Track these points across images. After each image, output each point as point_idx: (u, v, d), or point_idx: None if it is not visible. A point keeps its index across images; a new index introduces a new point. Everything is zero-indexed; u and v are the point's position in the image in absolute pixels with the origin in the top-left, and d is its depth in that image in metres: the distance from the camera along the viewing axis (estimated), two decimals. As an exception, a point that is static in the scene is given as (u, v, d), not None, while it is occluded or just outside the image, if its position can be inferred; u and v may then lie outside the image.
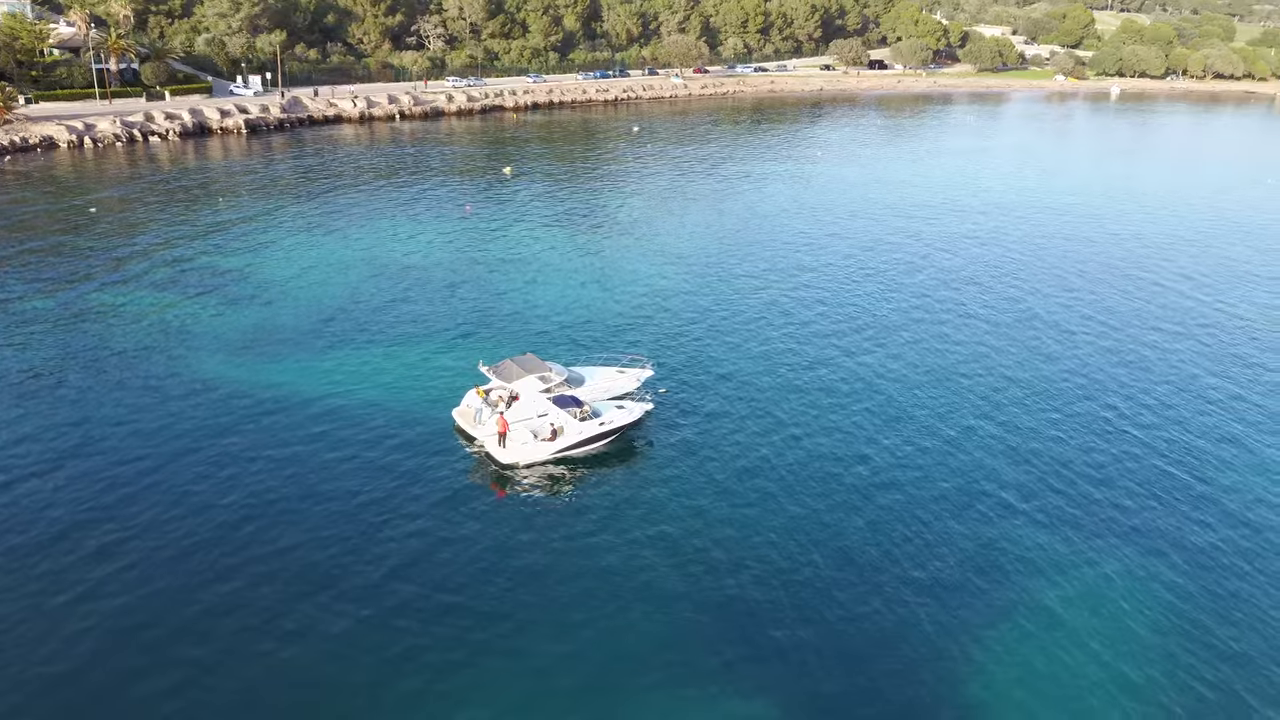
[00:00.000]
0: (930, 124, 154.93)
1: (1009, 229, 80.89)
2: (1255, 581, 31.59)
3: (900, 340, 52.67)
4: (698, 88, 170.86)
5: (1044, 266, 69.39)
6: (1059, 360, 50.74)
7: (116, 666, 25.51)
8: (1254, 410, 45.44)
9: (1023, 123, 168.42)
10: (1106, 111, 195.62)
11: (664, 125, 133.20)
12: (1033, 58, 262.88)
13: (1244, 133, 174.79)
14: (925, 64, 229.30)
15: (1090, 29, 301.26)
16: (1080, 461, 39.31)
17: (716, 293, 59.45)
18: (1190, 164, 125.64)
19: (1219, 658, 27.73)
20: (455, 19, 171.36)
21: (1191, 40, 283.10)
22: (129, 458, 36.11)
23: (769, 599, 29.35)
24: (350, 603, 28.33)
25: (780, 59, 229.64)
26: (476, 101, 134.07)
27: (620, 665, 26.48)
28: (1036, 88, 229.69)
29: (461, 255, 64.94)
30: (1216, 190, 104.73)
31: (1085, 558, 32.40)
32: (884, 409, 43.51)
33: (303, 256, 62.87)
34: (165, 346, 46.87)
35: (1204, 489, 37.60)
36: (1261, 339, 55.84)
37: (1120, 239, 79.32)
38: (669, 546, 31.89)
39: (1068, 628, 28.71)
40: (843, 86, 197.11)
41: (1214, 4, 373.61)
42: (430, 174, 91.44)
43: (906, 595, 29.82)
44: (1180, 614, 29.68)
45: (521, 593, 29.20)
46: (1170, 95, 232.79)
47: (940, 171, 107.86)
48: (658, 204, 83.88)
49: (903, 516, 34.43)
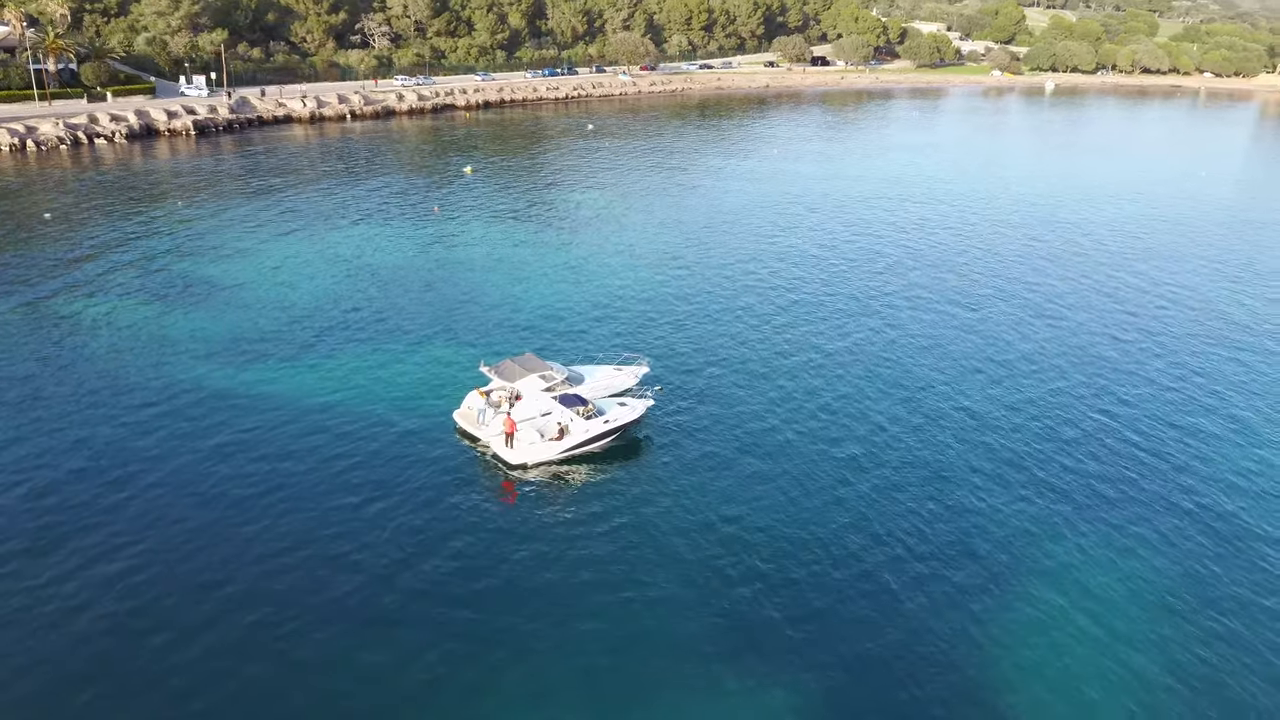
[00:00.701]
0: (877, 119, 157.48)
1: (966, 221, 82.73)
2: (1230, 554, 33.04)
3: (874, 328, 53.66)
4: (646, 85, 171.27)
5: (1004, 257, 71.17)
6: (1026, 344, 52.20)
7: (129, 670, 24.99)
8: (1214, 392, 47.32)
9: (965, 117, 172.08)
10: (1044, 106, 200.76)
11: (617, 123, 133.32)
12: (969, 53, 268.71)
13: (1174, 125, 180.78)
14: (866, 60, 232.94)
15: (1022, 25, 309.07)
16: (1056, 444, 40.58)
17: (693, 288, 59.88)
18: (1130, 157, 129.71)
19: (1203, 635, 28.97)
20: (400, 17, 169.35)
21: (1118, 36, 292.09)
22: (118, 464, 35.22)
23: (779, 588, 29.86)
24: (365, 606, 28.10)
25: (724, 56, 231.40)
26: (427, 101, 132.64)
27: (646, 657, 26.68)
28: (974, 83, 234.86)
29: (435, 255, 64.40)
30: (1156, 182, 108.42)
31: (1067, 535, 33.53)
32: (866, 395, 44.38)
33: (272, 258, 61.76)
34: (143, 353, 45.69)
35: (1172, 467, 39.13)
36: (1224, 327, 58.08)
37: (1073, 229, 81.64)
38: (679, 540, 32.20)
39: (1061, 604, 29.72)
40: (788, 83, 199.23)
41: (1135, 1, 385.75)
42: (390, 174, 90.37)
43: (908, 578, 30.59)
44: (1162, 588, 30.90)
45: (539, 591, 29.18)
46: (1101, 89, 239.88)
47: (894, 166, 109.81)
48: (623, 201, 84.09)
49: (896, 501, 35.24)
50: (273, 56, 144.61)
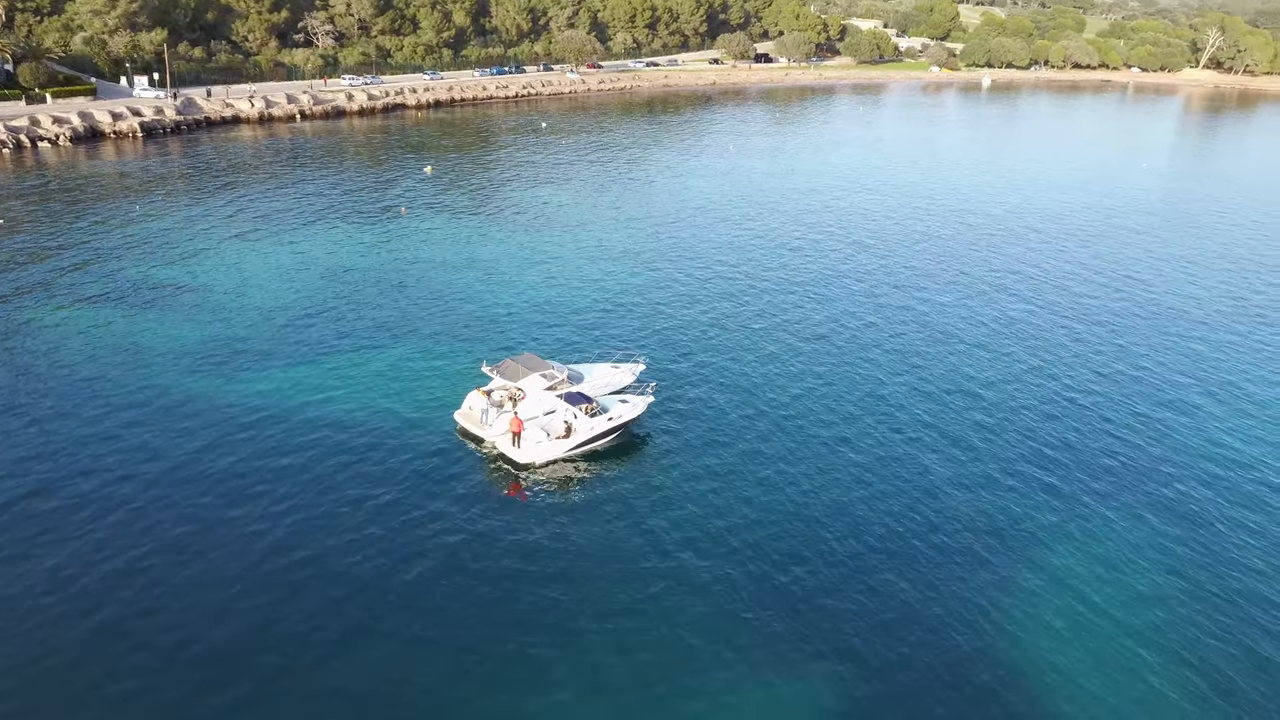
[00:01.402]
0: (826, 116, 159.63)
1: (924, 214, 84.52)
2: (1224, 524, 34.61)
3: (845, 318, 54.73)
4: (595, 83, 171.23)
5: (965, 249, 72.94)
6: (992, 333, 53.74)
7: (163, 684, 24.66)
8: (1176, 373, 49.31)
9: (909, 112, 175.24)
10: (982, 101, 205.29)
11: (570, 121, 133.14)
12: (907, 50, 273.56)
13: (1109, 118, 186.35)
14: (809, 57, 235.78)
15: (956, 22, 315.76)
16: (1038, 426, 41.98)
17: (669, 282, 60.36)
18: (1073, 150, 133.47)
19: (1205, 597, 30.38)
20: (343, 15, 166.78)
21: (1048, 33, 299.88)
22: (119, 479, 34.48)
23: (792, 576, 30.52)
24: (385, 611, 28.04)
25: (669, 53, 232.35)
26: (378, 100, 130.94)
27: (666, 652, 27.09)
28: (914, 79, 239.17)
29: (408, 255, 63.85)
30: (1102, 173, 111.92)
31: (1067, 513, 34.82)
32: (850, 379, 45.38)
33: (242, 263, 60.64)
34: (121, 364, 44.58)
35: (1153, 441, 40.76)
36: (1177, 313, 60.39)
37: (1031, 220, 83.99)
38: (690, 533, 32.73)
39: (1071, 581, 30.90)
40: (733, 80, 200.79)
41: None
42: (349, 175, 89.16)
43: (920, 564, 31.48)
44: (1164, 558, 32.30)
45: (560, 593, 29.38)
46: (1035, 84, 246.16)
47: (849, 161, 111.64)
48: (588, 197, 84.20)
49: (897, 487, 36.18)
50: (215, 56, 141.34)
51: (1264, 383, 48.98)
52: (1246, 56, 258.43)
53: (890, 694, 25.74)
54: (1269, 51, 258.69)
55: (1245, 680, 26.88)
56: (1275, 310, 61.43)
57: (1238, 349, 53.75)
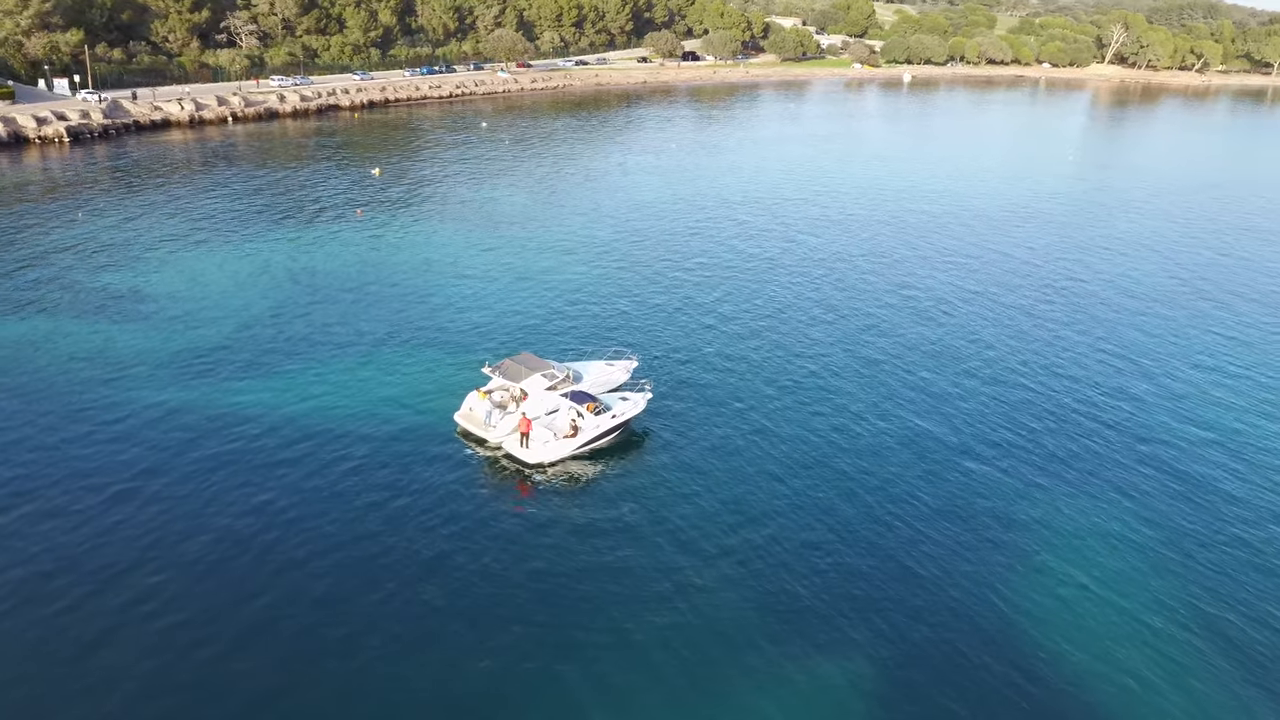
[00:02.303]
0: (758, 112, 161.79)
1: (872, 208, 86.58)
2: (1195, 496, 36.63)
3: (811, 306, 55.98)
4: (528, 82, 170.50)
5: (911, 242, 75.02)
6: (948, 322, 55.57)
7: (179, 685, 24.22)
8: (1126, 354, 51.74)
9: (837, 108, 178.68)
10: (905, 97, 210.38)
11: (510, 121, 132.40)
12: (828, 47, 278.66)
13: (1027, 112, 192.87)
14: (735, 55, 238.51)
15: (872, 19, 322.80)
16: (1017, 410, 43.67)
17: (634, 278, 60.81)
18: (1001, 144, 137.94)
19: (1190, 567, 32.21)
20: (267, 15, 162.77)
21: (961, 30, 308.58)
22: (111, 492, 33.50)
23: (804, 566, 31.39)
24: (410, 617, 27.93)
25: (596, 52, 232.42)
26: (310, 101, 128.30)
27: (712, 643, 27.60)
28: (837, 75, 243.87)
29: (371, 259, 62.96)
30: (1034, 165, 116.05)
31: (1046, 490, 36.41)
32: (822, 371, 46.50)
33: (201, 269, 59.08)
34: (93, 377, 43.13)
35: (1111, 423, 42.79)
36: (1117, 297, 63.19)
37: (972, 211, 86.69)
38: (704, 525, 33.27)
39: (1064, 554, 32.37)
40: (663, 78, 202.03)
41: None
42: (295, 178, 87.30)
43: (924, 546, 32.62)
44: (1153, 530, 34.09)
45: (585, 590, 29.56)
46: (953, 80, 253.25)
47: (789, 156, 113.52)
48: (541, 197, 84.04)
49: (891, 475, 37.35)
50: (135, 57, 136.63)
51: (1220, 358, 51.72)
52: (1149, 52, 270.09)
53: (916, 668, 26.67)
54: (1169, 47, 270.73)
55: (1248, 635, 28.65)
56: (1198, 294, 64.70)
57: (1188, 328, 56.55)
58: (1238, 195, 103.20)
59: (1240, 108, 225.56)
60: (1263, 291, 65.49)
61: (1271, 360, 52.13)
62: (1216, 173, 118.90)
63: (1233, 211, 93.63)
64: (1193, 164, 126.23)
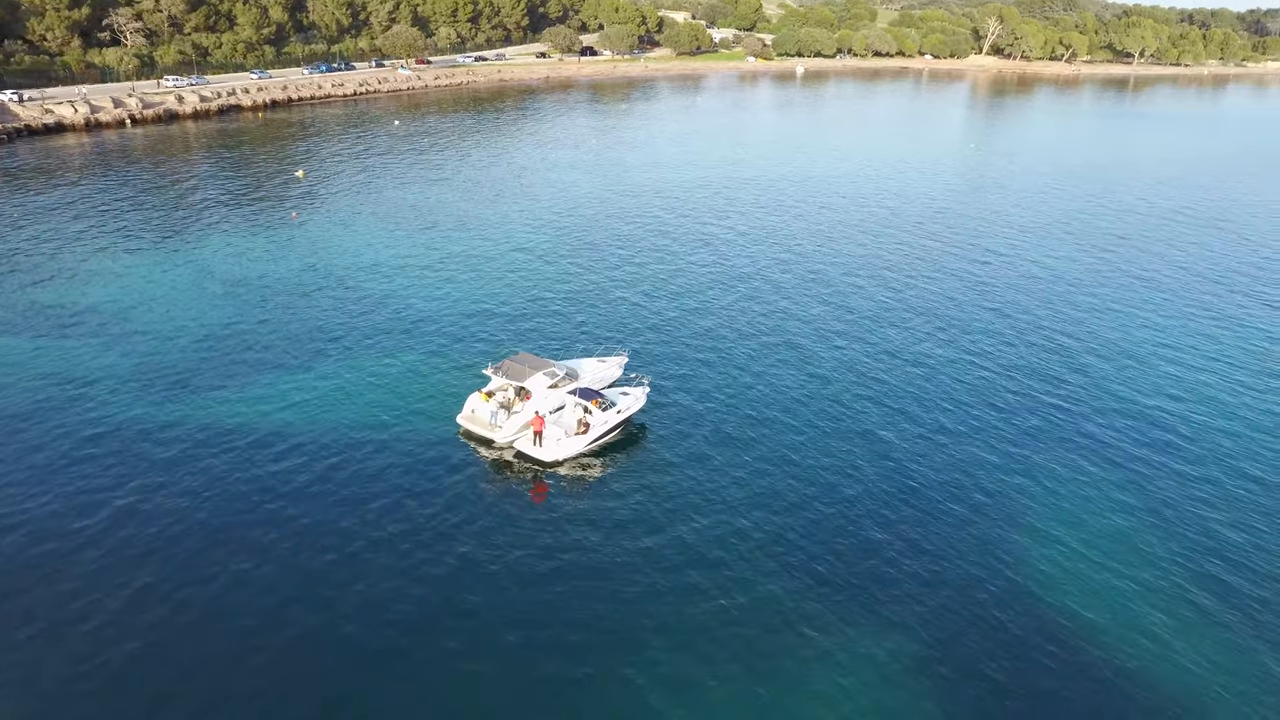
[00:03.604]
0: (663, 106, 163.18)
1: (799, 198, 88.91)
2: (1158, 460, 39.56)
3: (767, 292, 57.57)
4: (431, 79, 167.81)
5: (839, 227, 77.55)
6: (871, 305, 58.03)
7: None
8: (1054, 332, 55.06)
9: (738, 101, 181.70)
10: (801, 88, 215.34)
11: (421, 118, 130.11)
12: (721, 41, 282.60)
13: (913, 102, 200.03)
14: (632, 49, 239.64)
15: (760, 13, 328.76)
16: (973, 389, 46.07)
17: (587, 272, 61.16)
18: (903, 135, 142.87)
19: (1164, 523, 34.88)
20: (152, 12, 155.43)
21: (845, 23, 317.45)
22: (112, 508, 32.25)
23: (826, 544, 32.69)
24: (453, 626, 28.06)
25: (492, 47, 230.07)
26: (211, 102, 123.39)
27: (752, 629, 28.54)
28: (732, 68, 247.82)
29: (319, 264, 61.49)
30: (940, 156, 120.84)
31: (1013, 467, 38.77)
32: (798, 357, 48.08)
33: (135, 280, 56.70)
34: (58, 397, 41.22)
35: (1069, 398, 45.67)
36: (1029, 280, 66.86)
37: (891, 202, 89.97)
38: (718, 514, 34.32)
39: (1056, 519, 34.61)
40: (565, 73, 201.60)
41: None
42: (213, 182, 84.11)
43: (928, 520, 34.38)
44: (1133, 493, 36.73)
45: (616, 578, 30.23)
46: (843, 72, 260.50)
47: (705, 149, 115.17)
48: (475, 195, 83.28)
49: (888, 455, 39.07)
50: (13, 57, 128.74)
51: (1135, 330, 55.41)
52: (1023, 44, 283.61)
53: (939, 629, 28.21)
54: (1041, 39, 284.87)
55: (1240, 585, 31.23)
56: (1110, 270, 69.07)
57: (1109, 305, 60.33)
58: (1127, 176, 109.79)
59: (1107, 95, 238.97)
60: (1176, 266, 70.25)
61: (1169, 323, 56.16)
62: (1106, 155, 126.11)
63: (1130, 191, 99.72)
64: (1084, 149, 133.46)
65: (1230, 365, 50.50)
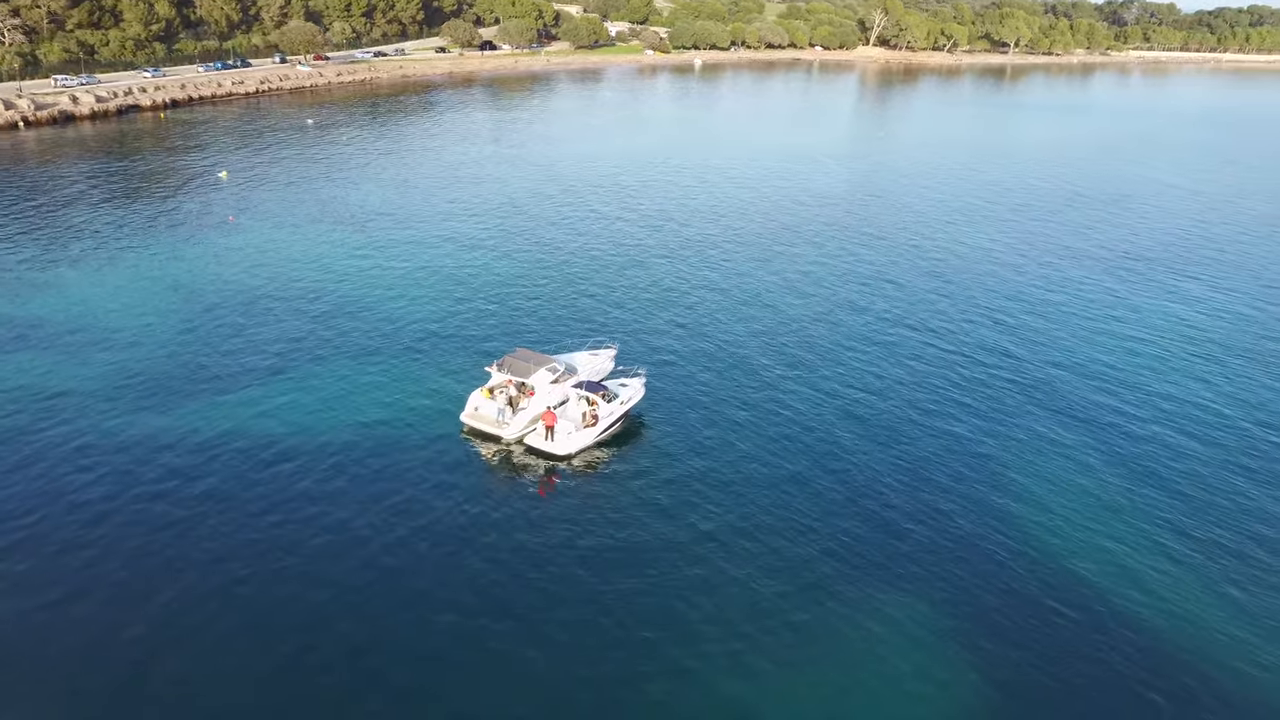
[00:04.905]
0: (573, 100, 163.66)
1: (719, 190, 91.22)
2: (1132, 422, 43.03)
3: (734, 279, 59.55)
4: (334, 75, 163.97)
5: (772, 222, 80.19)
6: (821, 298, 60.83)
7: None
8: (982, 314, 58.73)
9: (643, 93, 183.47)
10: (700, 81, 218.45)
11: (332, 115, 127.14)
12: (618, 34, 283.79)
13: (806, 93, 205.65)
14: (531, 43, 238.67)
15: (651, 6, 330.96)
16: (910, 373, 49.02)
17: (544, 267, 61.89)
18: (811, 125, 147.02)
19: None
20: (30, 7, 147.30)
21: (735, 16, 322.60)
22: (114, 522, 31.78)
23: (836, 525, 34.71)
24: (492, 628, 28.95)
25: (389, 42, 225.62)
26: (108, 102, 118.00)
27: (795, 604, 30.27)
28: (632, 62, 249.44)
29: (264, 268, 60.44)
30: (854, 144, 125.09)
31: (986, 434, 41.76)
32: (773, 344, 50.16)
33: (75, 290, 54.74)
34: (38, 408, 39.89)
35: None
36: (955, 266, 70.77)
37: (833, 193, 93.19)
38: (724, 499, 36.00)
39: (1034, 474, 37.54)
40: (467, 68, 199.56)
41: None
42: (132, 185, 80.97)
43: (922, 490, 36.86)
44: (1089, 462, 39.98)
45: (641, 568, 31.47)
46: (738, 64, 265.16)
47: (625, 143, 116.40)
48: (409, 194, 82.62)
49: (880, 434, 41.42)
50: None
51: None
52: (908, 34, 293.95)
53: (953, 588, 30.54)
54: (924, 30, 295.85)
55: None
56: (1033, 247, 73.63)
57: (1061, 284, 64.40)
58: (1024, 162, 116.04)
59: (986, 84, 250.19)
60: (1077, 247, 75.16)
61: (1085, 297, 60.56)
62: (1003, 143, 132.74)
63: (1029, 176, 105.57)
64: (980, 136, 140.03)
65: (1158, 339, 54.81)
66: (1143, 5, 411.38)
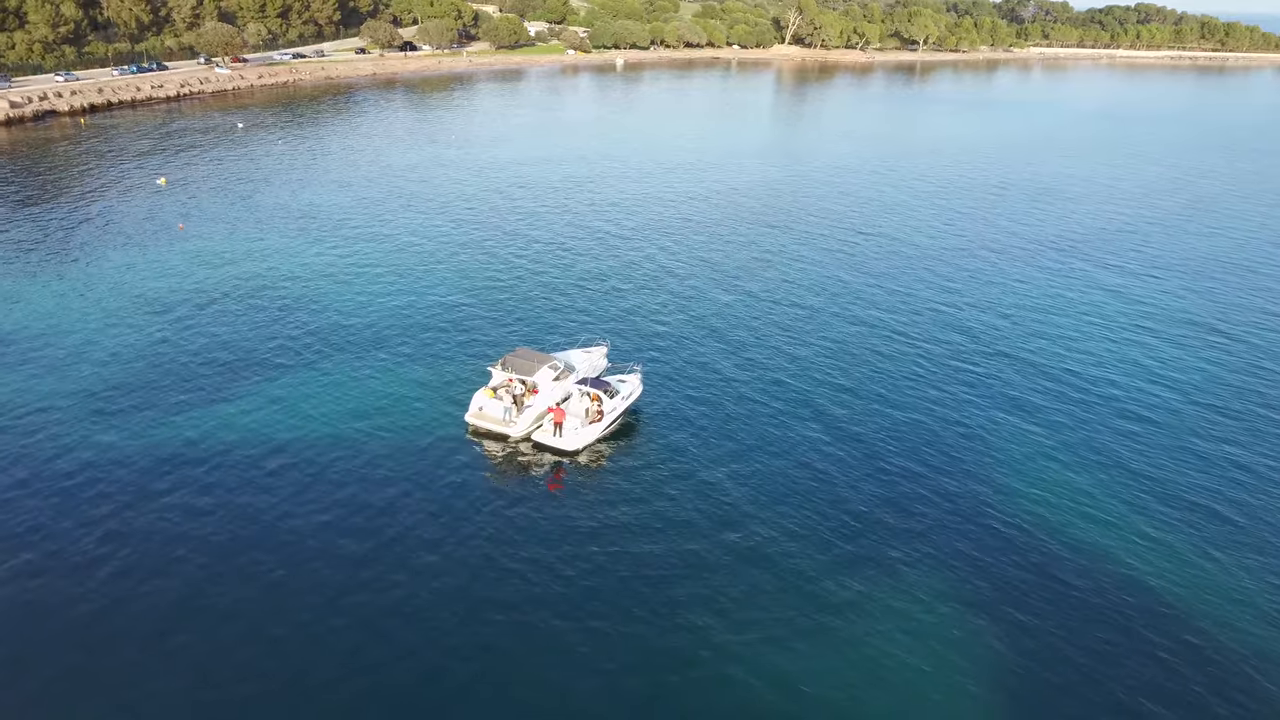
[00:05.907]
0: (500, 100, 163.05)
1: (683, 187, 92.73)
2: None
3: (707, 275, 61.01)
4: (255, 78, 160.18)
5: (733, 214, 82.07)
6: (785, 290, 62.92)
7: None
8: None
9: (573, 94, 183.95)
10: (624, 79, 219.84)
11: (260, 118, 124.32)
12: (538, 34, 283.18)
13: (737, 91, 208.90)
14: (452, 44, 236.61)
15: (568, 6, 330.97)
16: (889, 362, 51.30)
17: (509, 265, 62.41)
18: (754, 124, 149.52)
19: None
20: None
21: (653, 15, 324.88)
22: (102, 531, 31.54)
23: (846, 508, 36.40)
24: (524, 625, 29.70)
25: (305, 43, 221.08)
26: (23, 107, 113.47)
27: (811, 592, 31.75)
28: (554, 61, 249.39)
29: (224, 274, 59.54)
30: (796, 141, 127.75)
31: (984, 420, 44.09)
32: (753, 341, 51.75)
33: (33, 304, 53.05)
34: (13, 428, 38.95)
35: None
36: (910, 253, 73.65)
37: (807, 190, 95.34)
38: (729, 487, 37.33)
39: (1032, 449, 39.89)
40: (390, 69, 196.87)
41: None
42: (65, 194, 78.31)
43: (919, 473, 38.83)
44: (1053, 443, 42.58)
45: (660, 558, 32.62)
46: (659, 63, 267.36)
47: (566, 143, 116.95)
48: (360, 196, 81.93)
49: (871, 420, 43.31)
50: None
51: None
52: (822, 33, 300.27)
53: (959, 560, 32.46)
54: (838, 28, 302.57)
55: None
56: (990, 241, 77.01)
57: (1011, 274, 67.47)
58: (939, 157, 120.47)
59: (898, 80, 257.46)
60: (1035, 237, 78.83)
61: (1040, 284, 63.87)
62: (922, 137, 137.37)
63: (958, 168, 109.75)
64: (899, 131, 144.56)
65: (1099, 320, 58.13)
66: (1039, 3, 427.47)
